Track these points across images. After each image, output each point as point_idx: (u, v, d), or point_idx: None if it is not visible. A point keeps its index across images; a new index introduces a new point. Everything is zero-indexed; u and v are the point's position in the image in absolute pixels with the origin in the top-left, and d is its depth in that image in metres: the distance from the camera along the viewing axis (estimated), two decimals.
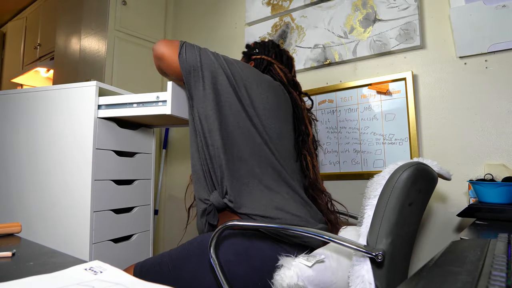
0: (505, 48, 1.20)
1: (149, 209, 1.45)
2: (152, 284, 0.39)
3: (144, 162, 1.43)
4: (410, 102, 1.37)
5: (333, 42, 1.60)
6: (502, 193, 1.02)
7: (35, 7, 3.17)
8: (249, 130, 0.94)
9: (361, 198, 1.13)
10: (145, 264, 0.97)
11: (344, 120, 1.55)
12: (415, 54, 1.40)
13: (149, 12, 2.20)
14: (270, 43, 1.22)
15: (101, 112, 1.20)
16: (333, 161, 1.56)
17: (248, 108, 0.96)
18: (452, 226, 1.27)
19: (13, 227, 0.67)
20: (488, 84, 1.24)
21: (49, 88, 1.29)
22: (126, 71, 2.01)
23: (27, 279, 0.39)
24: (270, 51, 1.18)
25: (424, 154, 1.35)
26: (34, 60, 3.02)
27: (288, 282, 0.75)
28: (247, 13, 1.91)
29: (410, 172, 0.75)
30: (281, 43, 1.77)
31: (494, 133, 1.22)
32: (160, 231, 2.25)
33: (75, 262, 0.46)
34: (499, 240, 0.61)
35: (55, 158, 1.21)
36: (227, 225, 0.84)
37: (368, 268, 0.71)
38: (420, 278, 0.43)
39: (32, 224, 1.21)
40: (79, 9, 2.21)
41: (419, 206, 0.84)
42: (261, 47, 1.21)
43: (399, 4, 1.42)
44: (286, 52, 1.24)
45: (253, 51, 1.21)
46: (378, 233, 0.73)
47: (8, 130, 1.31)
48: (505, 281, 0.39)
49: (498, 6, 1.18)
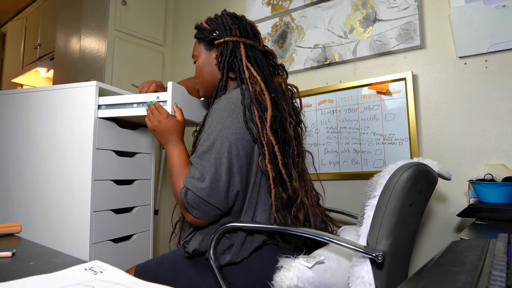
0: (505, 48, 1.20)
1: (149, 209, 1.45)
2: (152, 284, 0.38)
3: (144, 162, 1.43)
4: (410, 102, 1.37)
5: (333, 42, 1.60)
6: (502, 193, 1.02)
7: (35, 7, 3.17)
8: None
9: (361, 198, 1.14)
10: (145, 266, 0.98)
11: (344, 120, 1.55)
12: (415, 54, 1.40)
13: (149, 12, 2.20)
14: (228, 18, 1.02)
15: (101, 112, 1.20)
16: (333, 161, 1.56)
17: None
18: (452, 226, 1.27)
19: (13, 227, 0.67)
20: (488, 84, 1.24)
21: (49, 88, 1.29)
22: (126, 71, 2.01)
23: (27, 279, 0.39)
24: (232, 28, 0.99)
25: (424, 154, 1.35)
26: (34, 60, 3.02)
27: (288, 283, 0.75)
28: (247, 13, 1.91)
29: (410, 173, 0.75)
30: (281, 43, 1.77)
31: (494, 133, 1.22)
32: (160, 231, 2.25)
33: (75, 262, 0.46)
34: (499, 240, 0.61)
35: (55, 158, 1.21)
36: (226, 227, 0.84)
37: (368, 269, 0.71)
38: (420, 278, 0.43)
39: (32, 224, 1.20)
40: (79, 9, 2.21)
41: (419, 207, 0.84)
42: (220, 26, 1.00)
43: (399, 4, 1.42)
44: (245, 20, 1.05)
45: (212, 35, 1.00)
46: (378, 233, 0.73)
47: (8, 130, 1.31)
48: (505, 281, 0.39)
49: (498, 6, 1.18)
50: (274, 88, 0.96)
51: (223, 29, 0.99)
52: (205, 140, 0.87)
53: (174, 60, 2.33)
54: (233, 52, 0.97)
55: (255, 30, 1.05)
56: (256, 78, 0.93)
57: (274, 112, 0.90)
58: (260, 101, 0.90)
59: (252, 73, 0.94)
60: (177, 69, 2.31)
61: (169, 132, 0.99)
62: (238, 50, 0.97)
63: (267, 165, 0.86)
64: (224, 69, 0.98)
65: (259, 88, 0.91)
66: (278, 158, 0.87)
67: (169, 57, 2.33)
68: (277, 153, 0.87)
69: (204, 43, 1.03)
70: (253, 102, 0.89)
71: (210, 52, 1.02)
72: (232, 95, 0.92)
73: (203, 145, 0.87)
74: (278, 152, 0.87)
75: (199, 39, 1.05)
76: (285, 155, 0.90)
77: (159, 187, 2.16)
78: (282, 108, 0.94)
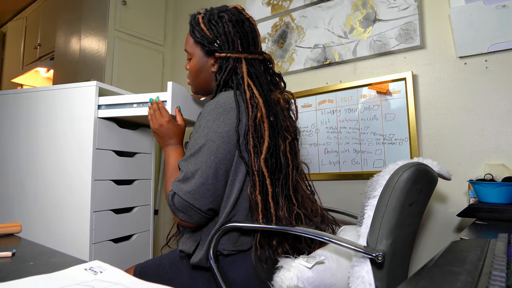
0: (505, 48, 1.20)
1: (149, 209, 1.45)
2: (152, 284, 0.39)
3: (144, 162, 1.43)
4: (410, 102, 1.37)
5: (333, 42, 1.60)
6: (502, 193, 1.02)
7: (35, 7, 3.17)
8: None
9: (361, 198, 1.14)
10: (145, 265, 0.98)
11: (344, 120, 1.55)
12: (415, 54, 1.40)
13: (149, 12, 2.20)
14: (231, 25, 0.94)
15: (101, 112, 1.20)
16: (333, 161, 1.56)
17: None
18: (452, 226, 1.27)
19: (13, 227, 0.67)
20: (488, 84, 1.24)
21: (49, 88, 1.29)
22: (126, 71, 2.01)
23: (27, 279, 0.39)
24: (235, 41, 0.94)
25: (424, 154, 1.35)
26: (34, 60, 3.02)
27: (288, 283, 0.75)
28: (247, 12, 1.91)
29: (410, 173, 0.75)
30: (281, 43, 1.77)
31: (494, 133, 1.22)
32: (160, 231, 2.25)
33: (75, 262, 0.46)
34: (499, 240, 0.61)
35: (55, 158, 1.21)
36: (226, 226, 0.84)
37: (368, 269, 0.71)
38: (420, 278, 0.43)
39: (32, 224, 1.20)
40: (79, 9, 2.21)
41: (419, 207, 0.84)
42: (221, 36, 0.94)
43: (399, 4, 1.42)
44: (246, 21, 0.98)
45: (214, 46, 0.95)
46: (378, 233, 0.73)
47: (8, 130, 1.31)
48: (505, 281, 0.39)
49: (498, 6, 1.18)
50: (274, 112, 0.93)
51: (225, 40, 0.94)
52: (192, 145, 0.87)
53: (174, 60, 2.33)
54: (233, 69, 0.94)
55: (255, 33, 0.99)
56: (257, 100, 0.90)
57: (269, 143, 0.88)
58: (258, 130, 0.88)
59: (254, 94, 0.90)
60: (177, 69, 2.31)
61: (169, 136, 1.00)
62: (240, 66, 0.94)
63: (257, 196, 0.85)
64: (220, 85, 0.96)
65: (260, 114, 0.88)
66: (269, 192, 0.86)
67: (169, 57, 2.33)
68: (268, 186, 0.86)
69: (202, 48, 0.97)
70: (250, 130, 0.87)
71: (207, 58, 0.98)
72: (220, 98, 0.90)
73: (190, 149, 0.87)
74: (270, 185, 0.86)
75: (196, 42, 0.98)
76: (274, 182, 0.88)
77: (159, 187, 2.16)
78: (278, 131, 0.92)
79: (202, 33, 0.96)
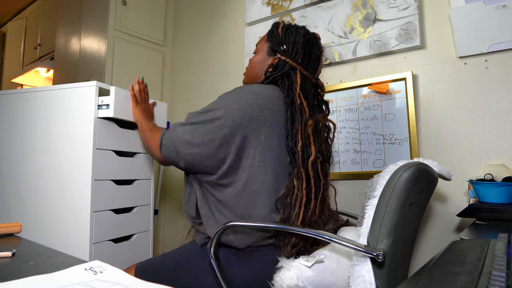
0: (505, 48, 1.20)
1: (149, 209, 1.45)
2: (152, 284, 0.39)
3: (144, 162, 1.43)
4: (410, 102, 1.37)
5: (333, 42, 1.60)
6: (502, 193, 1.02)
7: (35, 7, 3.17)
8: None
9: (361, 198, 1.14)
10: (146, 264, 0.98)
11: (344, 120, 1.55)
12: (415, 54, 1.40)
13: (149, 12, 2.20)
14: (302, 39, 1.01)
15: (101, 112, 1.20)
16: (333, 161, 1.56)
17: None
18: (452, 226, 1.27)
19: (13, 227, 0.67)
20: (488, 84, 1.24)
21: (49, 88, 1.29)
22: (126, 71, 2.01)
23: (27, 279, 0.39)
24: (299, 52, 1.00)
25: (424, 154, 1.35)
26: (34, 60, 3.02)
27: (288, 283, 0.75)
28: (247, 13, 1.91)
29: (410, 173, 0.75)
30: None
31: (494, 133, 1.22)
32: (160, 231, 2.25)
33: (75, 262, 0.46)
34: (499, 240, 0.61)
35: (55, 158, 1.21)
36: (227, 225, 0.84)
37: (368, 268, 0.71)
38: (420, 278, 0.43)
39: (32, 224, 1.20)
40: (79, 9, 2.21)
41: (419, 206, 0.84)
42: (289, 43, 1.02)
43: (399, 4, 1.42)
44: (317, 46, 1.06)
45: (280, 48, 1.02)
46: (379, 233, 0.73)
47: (8, 130, 1.31)
48: (505, 281, 0.39)
49: (498, 6, 1.18)
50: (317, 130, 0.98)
51: (291, 48, 1.01)
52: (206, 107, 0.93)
53: (174, 60, 2.33)
54: (287, 73, 0.99)
55: (318, 60, 1.06)
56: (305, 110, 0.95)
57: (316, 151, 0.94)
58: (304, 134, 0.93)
59: (303, 103, 0.96)
60: (177, 69, 2.31)
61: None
62: (294, 75, 0.99)
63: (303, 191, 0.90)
64: (268, 78, 1.01)
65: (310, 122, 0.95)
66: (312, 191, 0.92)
67: (169, 57, 2.33)
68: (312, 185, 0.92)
69: (269, 45, 1.05)
70: (299, 131, 0.92)
71: (269, 56, 1.05)
72: (247, 85, 0.99)
73: (203, 108, 0.93)
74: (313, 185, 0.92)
75: (267, 39, 1.07)
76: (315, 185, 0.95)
77: (159, 187, 2.16)
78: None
79: (276, 34, 1.05)
